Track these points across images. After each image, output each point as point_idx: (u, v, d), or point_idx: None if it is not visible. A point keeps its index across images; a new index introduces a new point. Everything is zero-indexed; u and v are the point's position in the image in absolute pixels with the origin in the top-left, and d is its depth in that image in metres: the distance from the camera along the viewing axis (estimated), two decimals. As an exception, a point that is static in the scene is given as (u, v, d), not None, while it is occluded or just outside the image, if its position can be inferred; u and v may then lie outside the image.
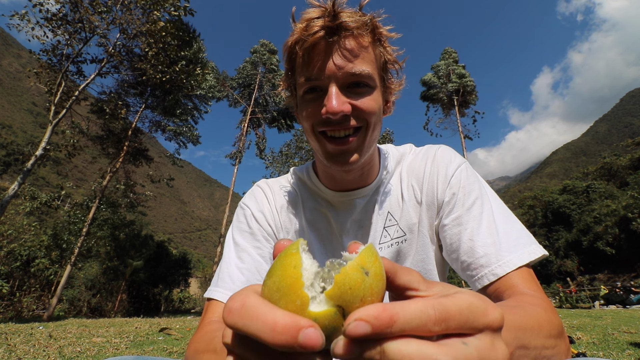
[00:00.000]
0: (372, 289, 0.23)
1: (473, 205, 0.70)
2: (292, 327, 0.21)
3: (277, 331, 0.20)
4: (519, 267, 0.61)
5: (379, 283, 0.24)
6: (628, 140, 48.22)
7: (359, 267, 0.23)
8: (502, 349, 0.24)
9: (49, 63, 12.24)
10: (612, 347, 3.58)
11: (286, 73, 0.76)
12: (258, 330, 0.21)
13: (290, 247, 0.26)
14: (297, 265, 0.24)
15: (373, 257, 0.25)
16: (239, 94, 24.17)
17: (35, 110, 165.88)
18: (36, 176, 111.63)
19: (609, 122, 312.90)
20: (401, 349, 0.21)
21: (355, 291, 0.23)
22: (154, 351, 3.83)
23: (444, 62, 27.18)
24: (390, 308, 0.22)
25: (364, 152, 0.70)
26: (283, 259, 0.25)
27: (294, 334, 0.20)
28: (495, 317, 0.24)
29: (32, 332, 5.17)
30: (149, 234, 29.09)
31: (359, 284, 0.23)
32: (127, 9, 12.53)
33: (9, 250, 16.39)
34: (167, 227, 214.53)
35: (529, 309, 0.48)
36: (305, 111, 0.70)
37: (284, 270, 0.24)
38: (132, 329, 5.73)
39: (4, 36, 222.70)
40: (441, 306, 0.23)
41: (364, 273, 0.23)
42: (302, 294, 0.22)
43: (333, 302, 0.23)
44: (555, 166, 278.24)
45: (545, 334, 0.45)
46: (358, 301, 0.23)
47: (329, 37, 0.63)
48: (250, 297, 0.24)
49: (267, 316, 0.21)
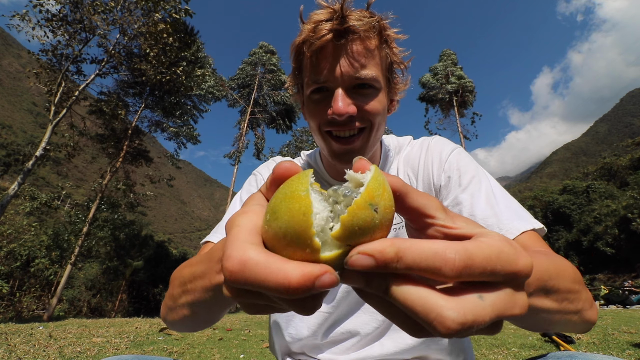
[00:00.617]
0: (381, 224, 0.22)
1: (470, 183, 0.70)
2: (307, 279, 0.19)
3: (292, 287, 0.19)
4: (525, 232, 0.58)
5: (388, 216, 0.23)
6: (628, 141, 48.30)
7: (366, 204, 0.21)
8: (522, 300, 0.22)
9: (48, 63, 12.24)
10: (612, 347, 3.57)
11: (293, 71, 0.77)
12: (270, 289, 0.20)
13: (298, 185, 0.23)
14: (307, 212, 0.21)
15: (381, 189, 0.23)
16: (238, 94, 24.17)
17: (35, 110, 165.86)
18: (36, 176, 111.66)
19: (609, 122, 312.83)
20: (404, 292, 0.20)
21: (364, 230, 0.21)
22: (154, 351, 3.83)
23: (442, 64, 27.29)
24: (399, 243, 0.20)
25: (368, 151, 0.72)
26: (290, 201, 0.22)
27: (309, 285, 0.19)
28: (526, 265, 0.22)
29: (32, 332, 5.17)
30: (149, 234, 29.11)
31: (367, 223, 0.21)
32: (127, 9, 12.54)
33: (9, 250, 16.38)
34: (167, 227, 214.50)
35: (551, 256, 0.46)
36: (311, 110, 0.72)
37: (292, 217, 0.21)
38: (132, 329, 5.73)
39: (4, 36, 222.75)
40: (465, 252, 0.20)
41: (373, 210, 0.21)
42: (314, 243, 0.21)
43: (341, 243, 0.22)
44: (555, 166, 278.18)
45: (569, 278, 0.43)
46: (367, 239, 0.21)
47: (337, 40, 0.64)
48: (249, 250, 0.21)
49: (278, 273, 0.19)
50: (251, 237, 0.23)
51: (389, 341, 0.72)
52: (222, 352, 3.91)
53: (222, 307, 0.49)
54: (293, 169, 0.26)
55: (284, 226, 0.21)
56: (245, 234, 0.23)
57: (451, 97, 26.13)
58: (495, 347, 3.75)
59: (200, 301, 0.46)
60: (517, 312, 0.21)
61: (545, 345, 3.79)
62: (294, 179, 0.24)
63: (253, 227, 0.24)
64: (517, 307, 0.22)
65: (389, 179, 0.25)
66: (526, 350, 3.56)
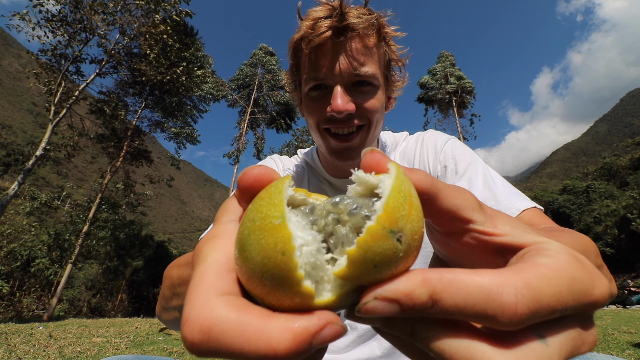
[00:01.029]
0: (407, 255, 0.16)
1: (466, 170, 0.69)
2: (301, 341, 0.14)
3: (280, 355, 0.14)
4: (527, 209, 0.56)
5: (416, 243, 0.17)
6: (628, 141, 48.27)
7: (386, 231, 0.15)
8: (593, 336, 0.17)
9: (48, 63, 12.24)
10: (612, 347, 3.57)
11: (290, 68, 0.77)
12: (249, 359, 0.14)
13: (270, 208, 0.17)
14: (287, 250, 0.15)
15: (407, 205, 0.16)
16: (237, 94, 24.18)
17: (35, 110, 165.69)
18: (36, 176, 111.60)
19: (609, 122, 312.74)
20: (440, 341, 0.15)
21: (382, 266, 0.15)
22: (154, 351, 3.83)
23: (441, 65, 27.35)
24: (434, 280, 0.15)
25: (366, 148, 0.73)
26: (261, 235, 0.16)
27: (305, 347, 0.14)
28: (603, 293, 0.17)
29: (32, 332, 5.16)
30: (149, 234, 29.12)
31: (387, 258, 0.15)
32: (127, 10, 12.54)
33: (9, 250, 16.38)
34: (167, 227, 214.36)
35: (570, 232, 0.43)
36: (310, 108, 0.72)
37: (267, 258, 0.15)
38: (132, 329, 5.72)
39: (4, 36, 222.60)
40: (529, 291, 0.15)
41: (396, 240, 0.15)
42: (303, 289, 0.15)
43: (350, 282, 0.16)
44: (555, 166, 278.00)
45: (594, 253, 0.41)
46: (387, 275, 0.16)
47: (336, 37, 0.64)
48: (216, 308, 0.15)
49: (258, 340, 0.14)
50: (220, 280, 0.17)
51: (388, 344, 0.71)
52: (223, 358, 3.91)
53: None
54: (265, 177, 0.20)
55: (259, 270, 0.16)
56: (212, 278, 0.17)
57: (450, 98, 26.17)
58: (495, 347, 3.74)
59: None
60: (585, 351, 0.17)
61: (545, 345, 3.78)
62: (264, 196, 0.18)
63: (224, 263, 0.18)
64: (586, 344, 0.17)
65: (413, 178, 0.19)
66: (526, 350, 3.56)
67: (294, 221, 0.17)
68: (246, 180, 0.21)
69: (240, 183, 0.21)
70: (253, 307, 0.15)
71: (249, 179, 0.20)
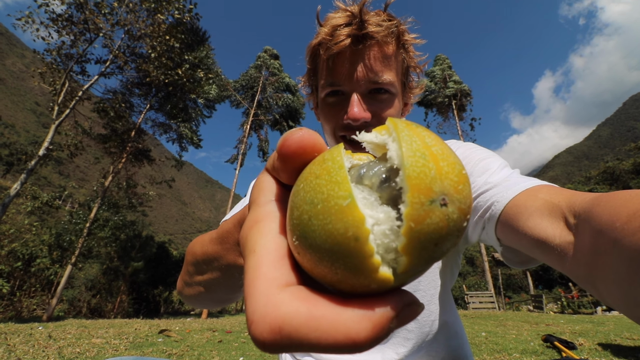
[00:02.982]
0: (462, 213, 0.13)
1: (478, 164, 0.61)
2: (381, 328, 0.13)
3: (359, 343, 0.13)
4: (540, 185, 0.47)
5: (463, 191, 0.14)
6: (631, 145, 48.14)
7: (424, 206, 0.13)
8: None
9: (53, 63, 12.33)
10: (614, 353, 3.54)
11: (308, 73, 0.77)
12: (325, 350, 0.13)
13: (333, 185, 0.14)
14: (361, 235, 0.13)
15: (430, 160, 0.14)
16: (242, 95, 24.28)
17: (39, 110, 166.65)
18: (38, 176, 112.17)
19: (612, 126, 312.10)
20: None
21: (447, 240, 0.13)
22: (154, 353, 3.82)
23: (439, 68, 27.44)
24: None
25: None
26: (327, 218, 0.13)
27: (384, 332, 0.13)
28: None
29: (31, 333, 5.16)
30: (150, 235, 29.11)
31: (446, 230, 0.13)
32: (131, 10, 12.63)
33: (10, 249, 16.42)
34: (168, 228, 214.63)
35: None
36: (326, 114, 0.72)
37: (337, 244, 0.13)
38: (132, 330, 5.71)
39: (8, 36, 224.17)
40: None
41: (440, 206, 0.13)
42: (380, 277, 0.13)
43: (418, 268, 0.14)
44: (557, 170, 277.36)
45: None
46: (456, 239, 0.14)
47: (355, 45, 0.64)
48: (284, 304, 0.14)
49: (336, 332, 0.13)
50: (277, 271, 0.15)
51: (390, 351, 0.71)
52: (222, 354, 3.90)
53: (239, 288, 0.49)
54: (308, 142, 0.18)
55: (328, 258, 0.14)
56: (269, 270, 0.15)
57: (450, 101, 26.24)
58: (497, 353, 3.72)
59: (215, 280, 0.46)
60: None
61: (547, 351, 3.76)
62: (320, 173, 0.15)
63: (275, 250, 0.16)
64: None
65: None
66: (528, 356, 3.53)
67: (360, 199, 0.14)
68: (289, 146, 0.18)
69: (281, 150, 0.18)
70: (321, 296, 0.14)
71: (292, 144, 0.18)
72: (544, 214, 0.38)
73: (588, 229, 0.30)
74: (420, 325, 0.69)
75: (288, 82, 24.55)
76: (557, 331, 5.24)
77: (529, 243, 0.40)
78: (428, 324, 0.70)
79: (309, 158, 0.18)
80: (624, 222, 0.25)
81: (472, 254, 46.43)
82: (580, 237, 0.32)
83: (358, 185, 0.15)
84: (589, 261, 0.30)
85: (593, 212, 0.30)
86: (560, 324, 6.33)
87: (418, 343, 0.69)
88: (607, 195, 0.30)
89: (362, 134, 0.18)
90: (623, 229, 0.25)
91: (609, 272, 0.26)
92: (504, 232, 0.46)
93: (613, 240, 0.26)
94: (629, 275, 0.23)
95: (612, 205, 0.28)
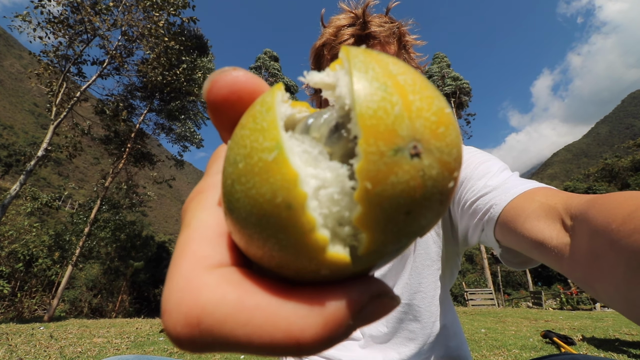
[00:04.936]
0: (445, 164, 0.09)
1: (477, 167, 0.61)
2: (336, 324, 0.10)
3: (304, 344, 0.10)
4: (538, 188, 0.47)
5: (446, 137, 0.10)
6: (629, 142, 48.16)
7: (384, 156, 0.09)
8: None
9: (50, 64, 12.29)
10: (613, 349, 3.57)
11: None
12: (258, 350, 0.10)
13: (256, 141, 0.10)
14: (294, 200, 0.09)
15: (395, 92, 0.09)
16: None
17: (37, 111, 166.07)
18: (37, 177, 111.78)
19: (610, 124, 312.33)
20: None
21: (424, 205, 0.09)
22: (155, 352, 3.83)
23: (438, 66, 27.48)
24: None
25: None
26: (250, 180, 0.10)
27: (342, 329, 0.10)
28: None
29: (33, 333, 5.17)
30: (150, 235, 29.14)
31: (415, 191, 0.09)
32: (128, 11, 12.59)
33: (10, 250, 16.41)
34: (168, 228, 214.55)
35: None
36: None
37: (266, 215, 0.10)
38: (133, 330, 5.73)
39: (6, 37, 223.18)
40: None
41: (409, 156, 0.09)
42: (330, 258, 0.10)
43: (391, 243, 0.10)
44: (556, 167, 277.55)
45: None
46: (446, 198, 0.10)
47: (358, 45, 0.65)
48: (206, 290, 0.10)
49: (274, 329, 0.10)
50: (208, 248, 0.12)
51: (392, 351, 0.71)
52: (223, 353, 3.91)
53: None
54: (251, 87, 0.13)
55: (257, 235, 0.10)
56: (198, 246, 0.12)
57: (448, 99, 26.30)
58: (496, 349, 3.74)
59: None
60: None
61: (545, 346, 3.78)
62: (246, 122, 0.11)
63: (213, 225, 0.13)
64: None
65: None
66: (527, 352, 3.56)
67: (297, 152, 0.10)
68: (217, 91, 0.13)
69: (209, 97, 0.13)
70: (259, 282, 0.11)
71: (222, 89, 0.13)
72: (541, 216, 0.38)
73: (584, 231, 0.31)
74: (423, 326, 0.70)
75: (287, 83, 24.62)
76: (556, 327, 5.27)
77: (527, 245, 0.40)
78: (430, 325, 0.70)
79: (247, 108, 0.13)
80: (619, 224, 0.25)
81: (472, 252, 46.54)
82: (577, 239, 0.32)
83: (299, 136, 0.11)
84: (586, 262, 0.30)
85: (589, 213, 0.30)
86: (559, 320, 6.36)
87: (421, 344, 0.69)
88: (603, 197, 0.30)
89: (310, 74, 0.13)
90: (619, 230, 0.25)
91: (607, 273, 0.26)
92: (503, 234, 0.47)
93: (609, 241, 0.26)
94: (627, 277, 0.24)
95: (607, 207, 0.28)
